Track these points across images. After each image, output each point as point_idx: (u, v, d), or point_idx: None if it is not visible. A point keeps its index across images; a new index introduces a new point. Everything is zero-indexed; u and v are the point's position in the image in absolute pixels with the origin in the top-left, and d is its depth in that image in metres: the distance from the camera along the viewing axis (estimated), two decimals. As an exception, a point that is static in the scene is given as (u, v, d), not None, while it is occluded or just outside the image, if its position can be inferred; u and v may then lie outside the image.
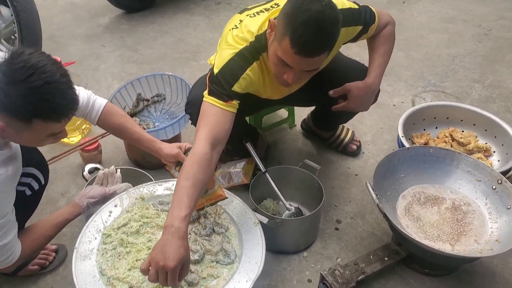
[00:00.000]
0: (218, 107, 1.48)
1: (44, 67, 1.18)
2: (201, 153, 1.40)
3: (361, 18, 1.67)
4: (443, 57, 3.06)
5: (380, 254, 1.70)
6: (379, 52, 1.79)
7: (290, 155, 2.26)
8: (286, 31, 1.35)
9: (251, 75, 1.54)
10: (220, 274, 1.48)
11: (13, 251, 1.43)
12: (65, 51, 3.07)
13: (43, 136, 1.32)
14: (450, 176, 1.86)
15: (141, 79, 2.24)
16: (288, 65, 1.43)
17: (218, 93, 1.49)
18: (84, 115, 1.67)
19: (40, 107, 1.19)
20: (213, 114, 1.48)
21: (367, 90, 1.77)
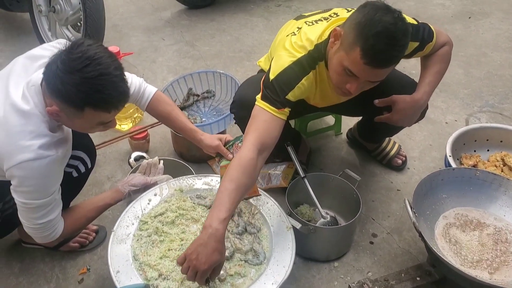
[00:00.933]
0: (270, 113, 1.50)
1: (100, 59, 1.25)
2: (248, 158, 1.43)
3: (418, 34, 1.64)
4: (505, 78, 2.93)
5: (412, 273, 1.66)
6: (431, 70, 1.76)
7: (332, 163, 2.25)
8: (357, 41, 1.36)
9: (305, 84, 1.55)
10: (248, 273, 1.50)
11: (56, 228, 1.51)
12: (126, 41, 3.19)
13: (93, 124, 1.38)
14: (496, 202, 1.78)
15: (193, 75, 2.30)
16: (353, 75, 1.43)
17: (272, 99, 1.51)
18: (135, 101, 1.74)
19: (92, 96, 1.26)
20: (263, 120, 1.50)
21: (414, 104, 1.74)
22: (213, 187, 1.77)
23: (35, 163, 1.32)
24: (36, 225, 1.46)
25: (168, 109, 1.76)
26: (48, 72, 1.29)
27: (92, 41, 1.32)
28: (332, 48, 1.48)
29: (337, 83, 1.52)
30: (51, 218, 1.47)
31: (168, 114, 1.77)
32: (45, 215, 1.44)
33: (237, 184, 1.39)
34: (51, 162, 1.35)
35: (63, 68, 1.24)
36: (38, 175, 1.34)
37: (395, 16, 1.35)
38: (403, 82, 1.86)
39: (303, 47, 1.55)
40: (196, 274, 1.30)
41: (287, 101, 1.52)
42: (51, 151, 1.35)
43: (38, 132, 1.33)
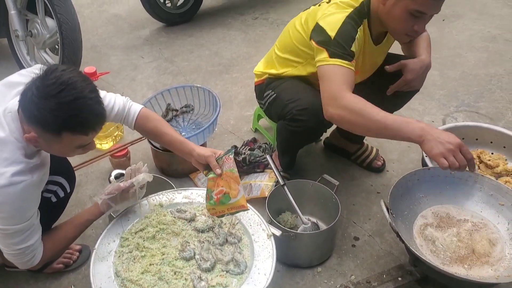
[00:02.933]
0: (345, 67, 1.60)
1: (74, 83, 1.27)
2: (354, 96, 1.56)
3: None
4: (480, 77, 2.99)
5: (394, 274, 1.68)
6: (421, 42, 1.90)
7: (313, 169, 2.27)
8: None
9: (360, 35, 1.68)
10: (229, 283, 1.51)
11: (35, 254, 1.51)
12: (106, 61, 3.21)
13: (72, 148, 1.39)
14: (472, 198, 1.81)
15: (171, 90, 2.32)
16: (420, 14, 1.58)
17: (342, 54, 1.60)
18: (121, 120, 1.72)
19: (68, 121, 1.28)
20: (343, 74, 1.59)
21: (422, 64, 1.86)
22: (193, 200, 1.79)
23: (10, 189, 1.32)
24: (15, 251, 1.45)
25: (156, 124, 1.73)
26: (23, 99, 1.31)
27: (66, 66, 1.34)
28: (385, 3, 1.62)
29: (403, 30, 1.66)
30: (30, 244, 1.46)
31: (156, 130, 1.73)
32: (24, 240, 1.44)
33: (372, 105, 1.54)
34: (26, 186, 1.35)
35: (38, 94, 1.26)
36: (13, 200, 1.34)
37: None
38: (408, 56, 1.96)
39: (350, 4, 1.68)
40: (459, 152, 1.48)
41: (353, 52, 1.63)
42: (25, 176, 1.35)
43: (12, 160, 1.34)
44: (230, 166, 1.56)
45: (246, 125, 2.59)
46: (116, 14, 3.93)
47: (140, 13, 3.71)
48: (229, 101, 2.79)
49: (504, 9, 3.79)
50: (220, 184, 1.57)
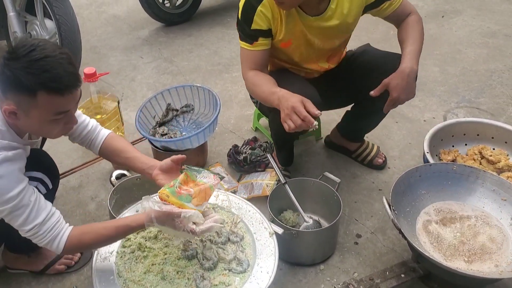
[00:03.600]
0: (247, 50, 1.76)
1: (45, 45, 1.30)
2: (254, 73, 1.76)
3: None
4: (480, 73, 2.99)
5: (396, 270, 1.67)
6: (409, 40, 1.81)
7: (314, 167, 2.27)
8: None
9: (264, 11, 1.70)
10: (232, 282, 1.51)
11: (55, 236, 1.42)
12: (105, 62, 3.21)
13: (51, 114, 1.35)
14: (474, 194, 1.81)
15: (171, 90, 2.32)
16: None
17: (244, 36, 1.73)
18: (90, 140, 1.69)
19: (40, 76, 1.26)
20: (247, 55, 1.77)
21: (403, 75, 1.73)
22: (194, 199, 1.78)
23: None
24: (28, 233, 1.40)
25: (124, 144, 1.70)
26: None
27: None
28: None
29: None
30: (37, 222, 1.39)
31: (124, 148, 1.68)
32: (27, 220, 1.38)
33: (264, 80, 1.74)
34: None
35: (9, 57, 1.28)
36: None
37: None
38: (386, 55, 1.92)
39: None
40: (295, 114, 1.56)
41: (254, 31, 1.71)
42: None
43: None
44: (212, 182, 1.49)
45: (247, 124, 2.58)
46: (115, 15, 3.93)
47: (139, 13, 3.72)
48: (229, 100, 2.78)
49: (503, 5, 3.78)
50: (191, 186, 1.46)
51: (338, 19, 1.78)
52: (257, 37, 1.72)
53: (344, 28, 1.85)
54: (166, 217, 1.39)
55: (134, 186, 2.00)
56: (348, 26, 1.86)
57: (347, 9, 1.77)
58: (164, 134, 2.19)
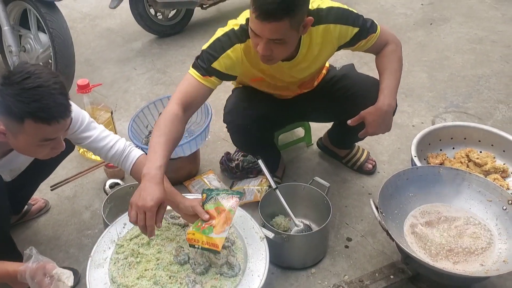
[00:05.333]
0: (195, 79, 1.66)
1: (40, 73, 1.33)
2: (174, 113, 1.58)
3: (358, 21, 1.74)
4: (468, 78, 3.04)
5: (386, 272, 1.71)
6: (385, 74, 1.83)
7: (305, 173, 2.31)
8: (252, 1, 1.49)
9: (232, 55, 1.67)
10: (223, 286, 1.54)
11: None
12: (99, 74, 3.25)
13: (37, 140, 1.39)
14: (461, 196, 1.85)
15: (163, 100, 2.36)
16: (256, 35, 1.54)
17: (199, 67, 1.67)
18: (119, 162, 1.73)
19: (29, 106, 1.30)
20: (189, 84, 1.66)
21: (380, 113, 1.78)
22: (187, 206, 1.82)
23: None
24: None
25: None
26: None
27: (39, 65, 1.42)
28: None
29: (254, 47, 1.63)
30: None
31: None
32: None
33: (167, 137, 1.53)
34: None
35: (3, 82, 1.32)
36: None
37: None
38: (367, 85, 1.94)
39: (237, 22, 1.70)
40: (145, 214, 1.38)
41: (213, 69, 1.66)
42: None
43: None
44: (232, 207, 1.57)
45: (239, 132, 2.62)
46: (109, 28, 3.98)
47: (132, 26, 3.77)
48: (221, 109, 2.76)
49: (490, 12, 3.85)
50: (213, 218, 1.54)
51: (308, 61, 1.79)
52: (212, 74, 1.66)
53: (316, 67, 1.87)
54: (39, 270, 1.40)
55: (127, 195, 2.01)
56: (320, 65, 1.89)
57: (317, 51, 1.77)
58: (156, 143, 2.22)
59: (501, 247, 1.67)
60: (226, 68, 1.67)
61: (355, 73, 2.02)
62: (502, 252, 1.65)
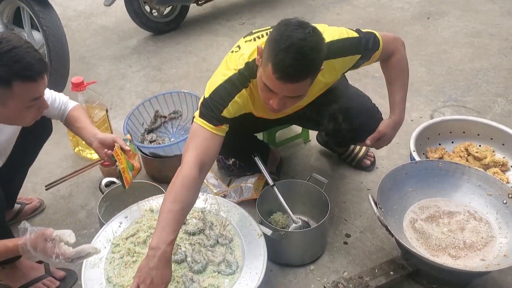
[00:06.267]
0: (208, 131, 1.54)
1: (8, 37, 1.37)
2: (191, 177, 1.45)
3: (360, 47, 1.68)
4: (466, 72, 3.02)
5: (385, 268, 1.69)
6: (397, 86, 1.84)
7: (303, 169, 2.29)
8: (269, 57, 1.39)
9: (239, 101, 1.59)
10: (221, 284, 1.52)
11: None
12: (94, 71, 3.22)
13: (27, 101, 1.43)
14: (460, 190, 1.83)
15: (159, 97, 2.34)
16: (272, 91, 1.46)
17: (209, 116, 1.55)
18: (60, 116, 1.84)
19: (13, 67, 1.34)
20: (203, 138, 1.54)
21: (396, 127, 1.88)
22: (183, 203, 1.79)
23: None
24: None
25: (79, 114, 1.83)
26: None
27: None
28: (259, 65, 1.50)
29: (263, 99, 1.56)
30: None
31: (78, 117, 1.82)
32: None
33: (182, 205, 1.42)
34: None
35: None
36: None
37: (306, 32, 1.37)
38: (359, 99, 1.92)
39: (236, 65, 1.59)
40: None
41: (223, 118, 1.56)
42: None
43: None
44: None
45: (236, 128, 2.59)
46: (104, 25, 3.95)
47: (128, 23, 3.73)
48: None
49: (487, 5, 3.83)
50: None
51: (312, 95, 1.74)
52: (222, 122, 1.56)
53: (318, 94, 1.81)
54: (38, 238, 1.42)
55: (123, 193, 2.00)
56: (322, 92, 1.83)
57: (321, 85, 1.71)
58: (152, 141, 2.20)
59: (501, 241, 1.66)
60: (234, 113, 1.60)
61: (345, 85, 1.94)
62: (503, 246, 1.63)
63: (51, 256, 1.42)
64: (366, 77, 2.97)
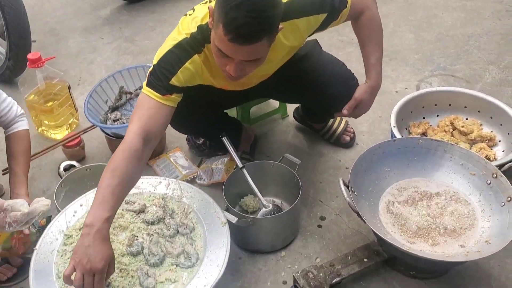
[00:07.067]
0: (154, 100, 1.40)
1: None
2: (132, 149, 1.32)
3: (325, 5, 1.50)
4: (457, 38, 2.85)
5: (359, 254, 1.57)
6: (370, 47, 1.67)
7: (279, 147, 2.15)
8: (220, 17, 1.23)
9: (191, 68, 1.43)
10: (179, 278, 1.41)
11: None
12: (64, 44, 3.04)
13: None
14: (442, 169, 1.71)
15: (123, 72, 2.18)
16: (226, 55, 1.31)
17: (156, 85, 1.40)
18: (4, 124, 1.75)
19: None
20: (148, 107, 1.39)
21: (374, 92, 1.71)
22: (143, 190, 1.67)
23: None
24: None
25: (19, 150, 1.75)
26: None
27: None
28: (211, 28, 1.34)
29: (219, 66, 1.41)
30: None
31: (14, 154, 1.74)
32: None
33: (121, 179, 1.29)
34: None
35: None
36: None
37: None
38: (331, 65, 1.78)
39: (188, 29, 1.43)
40: (93, 277, 1.20)
41: (171, 86, 1.40)
42: None
43: None
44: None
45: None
46: (76, -6, 3.74)
47: (101, -9, 3.53)
48: (192, 79, 2.64)
49: (482, -35, 3.60)
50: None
51: (277, 59, 1.58)
52: (172, 91, 1.41)
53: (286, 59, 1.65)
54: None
55: (84, 177, 1.88)
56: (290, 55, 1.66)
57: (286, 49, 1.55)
58: (116, 120, 2.06)
59: (483, 225, 1.54)
60: (185, 81, 1.44)
61: (318, 51, 1.79)
62: (485, 231, 1.52)
63: (4, 227, 1.38)
64: (350, 45, 2.80)
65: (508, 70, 2.55)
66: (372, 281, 1.60)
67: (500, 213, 1.51)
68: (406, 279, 1.59)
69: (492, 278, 1.58)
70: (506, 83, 2.47)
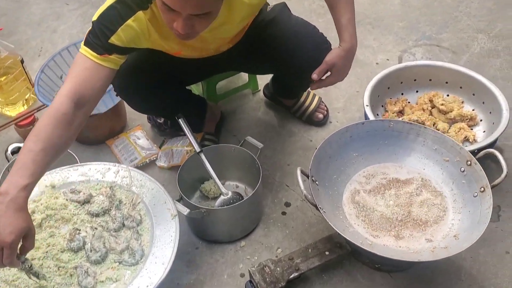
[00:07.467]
0: (90, 60, 1.25)
1: None
2: (59, 112, 1.19)
3: None
4: (446, 3, 2.65)
5: (320, 247, 1.47)
6: (340, 6, 1.48)
7: (248, 126, 2.02)
8: None
9: (134, 26, 1.26)
10: (121, 277, 1.31)
11: None
12: (26, 11, 2.84)
13: None
14: (414, 154, 1.58)
15: (78, 44, 2.02)
16: (172, 9, 1.15)
17: (94, 44, 1.25)
18: None
19: None
20: (83, 68, 1.25)
21: (349, 55, 1.51)
22: (90, 177, 1.55)
23: None
24: None
25: None
26: None
27: None
28: None
29: (167, 23, 1.24)
30: None
31: None
32: None
33: (45, 145, 1.16)
34: None
35: None
36: None
37: None
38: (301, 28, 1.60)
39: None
40: (2, 251, 1.09)
41: (111, 45, 1.25)
42: None
43: None
44: None
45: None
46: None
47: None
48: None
49: None
50: None
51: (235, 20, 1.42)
52: (111, 51, 1.26)
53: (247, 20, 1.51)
54: None
55: (35, 161, 1.76)
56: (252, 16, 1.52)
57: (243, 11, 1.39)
58: (70, 98, 1.91)
59: (454, 217, 1.43)
60: (128, 41, 1.27)
61: (287, 14, 1.62)
62: (455, 224, 1.41)
63: None
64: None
65: (498, 39, 2.38)
66: (335, 274, 1.51)
67: (472, 204, 1.40)
68: (371, 272, 1.50)
69: (463, 271, 1.49)
70: (495, 54, 2.30)
